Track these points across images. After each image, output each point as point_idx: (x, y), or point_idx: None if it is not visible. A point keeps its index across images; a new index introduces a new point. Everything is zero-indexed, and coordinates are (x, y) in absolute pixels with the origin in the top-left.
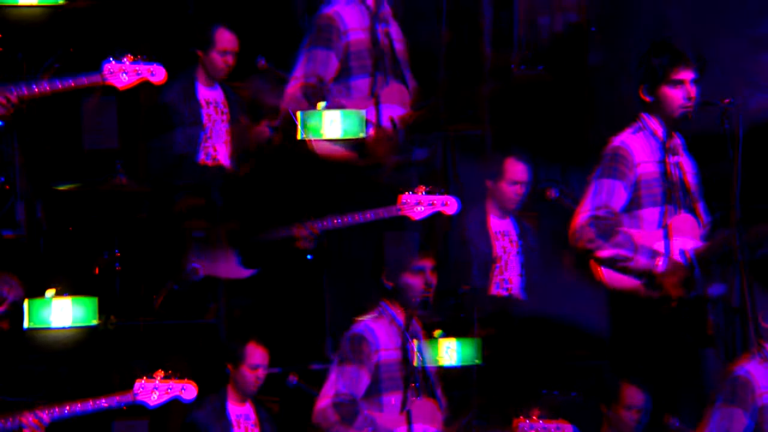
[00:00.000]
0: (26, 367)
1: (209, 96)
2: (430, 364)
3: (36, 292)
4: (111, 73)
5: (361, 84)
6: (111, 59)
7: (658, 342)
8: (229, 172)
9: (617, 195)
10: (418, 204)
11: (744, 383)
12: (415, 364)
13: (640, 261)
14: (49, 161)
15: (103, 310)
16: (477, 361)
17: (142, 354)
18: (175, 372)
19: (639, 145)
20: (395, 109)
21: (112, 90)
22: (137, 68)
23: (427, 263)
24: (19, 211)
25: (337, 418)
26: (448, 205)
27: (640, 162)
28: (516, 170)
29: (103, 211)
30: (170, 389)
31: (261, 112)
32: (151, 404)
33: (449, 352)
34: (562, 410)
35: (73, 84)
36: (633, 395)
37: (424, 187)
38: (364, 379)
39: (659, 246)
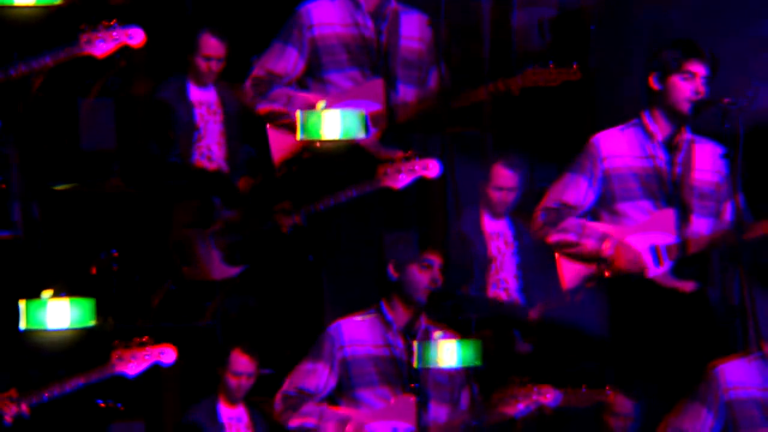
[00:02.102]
0: (23, 368)
1: (201, 97)
2: (427, 365)
3: (32, 293)
4: (88, 42)
5: (335, 78)
6: (86, 28)
7: (659, 340)
8: (228, 180)
9: (573, 188)
10: (398, 172)
11: (709, 380)
12: (415, 365)
13: (587, 244)
14: (46, 161)
15: (100, 312)
16: (477, 362)
17: None
18: None
19: (617, 140)
20: (369, 105)
21: (109, 91)
22: (114, 33)
23: (436, 259)
24: (15, 211)
25: (281, 408)
26: (429, 168)
27: (608, 156)
28: (502, 176)
29: (100, 212)
30: (148, 355)
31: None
32: (131, 374)
33: (449, 353)
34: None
35: (50, 61)
36: (621, 403)
37: (401, 153)
38: (321, 375)
39: (633, 239)
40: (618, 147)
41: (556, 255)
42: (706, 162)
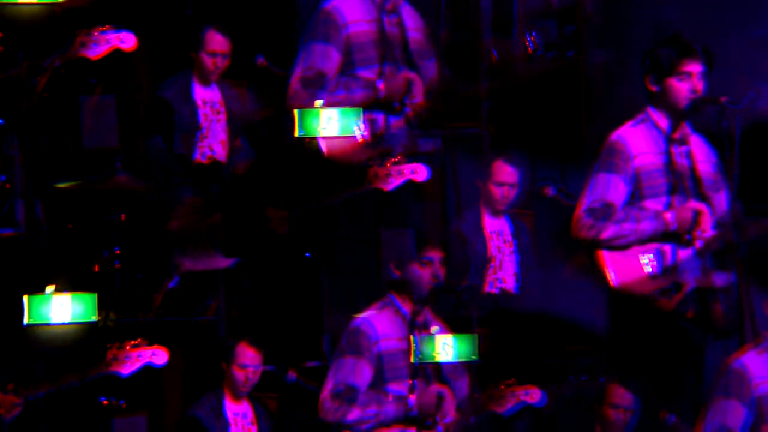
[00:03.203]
0: (26, 363)
1: (206, 96)
2: (424, 360)
3: (36, 288)
4: (82, 45)
5: (367, 75)
6: (80, 32)
7: (658, 336)
8: (226, 169)
9: (613, 188)
10: (388, 175)
11: (739, 375)
12: (412, 360)
13: (647, 225)
14: (49, 159)
15: (102, 307)
16: (473, 357)
17: None
18: None
19: (637, 138)
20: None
21: (111, 88)
22: (107, 37)
23: (436, 255)
24: (18, 209)
25: (336, 404)
26: (417, 172)
27: (637, 154)
28: (503, 172)
29: (103, 209)
30: (140, 356)
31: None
32: (124, 373)
33: (446, 348)
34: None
35: (50, 62)
36: (620, 395)
37: (392, 158)
38: (365, 371)
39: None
40: (640, 144)
41: (600, 254)
42: (702, 153)
